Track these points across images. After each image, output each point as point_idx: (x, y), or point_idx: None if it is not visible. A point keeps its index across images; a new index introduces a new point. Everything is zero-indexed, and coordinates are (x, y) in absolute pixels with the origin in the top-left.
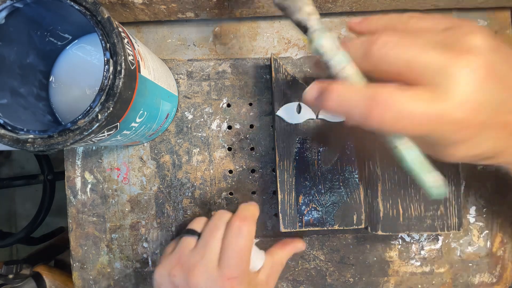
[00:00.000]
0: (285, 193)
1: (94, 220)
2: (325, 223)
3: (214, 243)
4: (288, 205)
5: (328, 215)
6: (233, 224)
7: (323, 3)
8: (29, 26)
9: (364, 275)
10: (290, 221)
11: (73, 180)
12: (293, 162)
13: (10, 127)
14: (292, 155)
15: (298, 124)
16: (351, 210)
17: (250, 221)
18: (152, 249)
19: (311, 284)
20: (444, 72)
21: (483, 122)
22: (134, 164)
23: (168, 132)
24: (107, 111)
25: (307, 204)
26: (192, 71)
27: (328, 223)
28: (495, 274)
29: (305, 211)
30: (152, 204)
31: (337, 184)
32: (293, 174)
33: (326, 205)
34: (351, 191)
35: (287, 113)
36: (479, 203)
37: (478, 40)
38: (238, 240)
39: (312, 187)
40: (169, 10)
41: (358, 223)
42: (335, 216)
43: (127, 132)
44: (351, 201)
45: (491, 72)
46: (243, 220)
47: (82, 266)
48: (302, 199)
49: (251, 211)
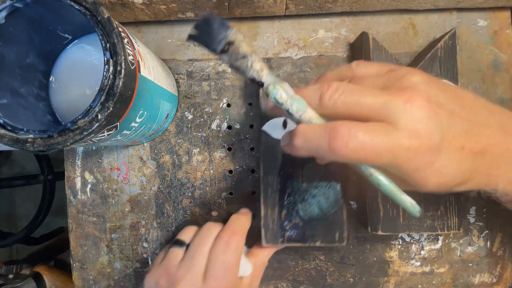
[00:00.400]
0: (268, 208)
1: (94, 220)
2: (307, 239)
3: (200, 257)
4: (271, 220)
5: (310, 231)
6: (222, 238)
7: (323, 3)
8: (29, 26)
9: (364, 275)
10: (272, 236)
11: (73, 180)
12: (277, 177)
13: (10, 127)
14: (276, 170)
15: None
16: (333, 227)
17: (239, 236)
18: (152, 249)
19: (311, 284)
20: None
21: (436, 146)
22: (134, 164)
23: (168, 132)
24: (107, 111)
25: (290, 220)
26: (192, 71)
27: (311, 239)
28: (495, 274)
29: (288, 226)
30: (152, 204)
31: (320, 200)
32: (277, 189)
33: (309, 221)
34: (334, 208)
35: (273, 128)
36: (479, 203)
37: (416, 77)
38: (226, 255)
39: (295, 203)
40: (169, 10)
41: (340, 241)
42: (317, 233)
43: (127, 132)
44: (334, 218)
45: (432, 101)
46: (232, 234)
47: (82, 266)
48: (285, 214)
49: (242, 224)
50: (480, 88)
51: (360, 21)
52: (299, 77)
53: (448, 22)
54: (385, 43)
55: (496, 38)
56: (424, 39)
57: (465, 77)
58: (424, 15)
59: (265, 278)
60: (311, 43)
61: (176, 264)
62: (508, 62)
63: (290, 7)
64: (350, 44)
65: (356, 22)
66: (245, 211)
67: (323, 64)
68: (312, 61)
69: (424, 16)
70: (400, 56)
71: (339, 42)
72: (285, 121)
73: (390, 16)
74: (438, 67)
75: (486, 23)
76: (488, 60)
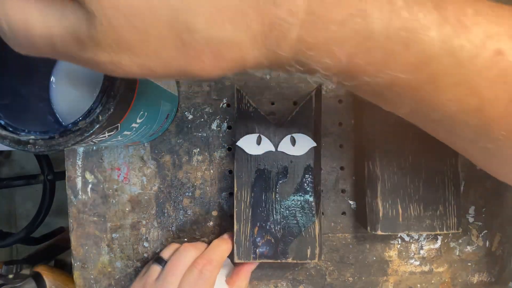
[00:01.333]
0: (241, 224)
1: (94, 220)
2: (279, 255)
3: (172, 280)
4: (243, 236)
5: (282, 248)
6: (197, 266)
7: None
8: None
9: (364, 274)
10: (244, 252)
11: (73, 180)
12: (250, 193)
13: (11, 128)
14: (250, 185)
15: (258, 155)
16: (305, 243)
17: (214, 265)
18: (152, 249)
19: (311, 284)
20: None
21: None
22: (134, 164)
23: (168, 132)
24: (108, 112)
25: (262, 236)
26: None
27: (282, 256)
28: (494, 274)
29: (260, 242)
30: (152, 203)
31: (293, 217)
32: (250, 205)
33: (282, 237)
34: (307, 225)
35: (247, 144)
36: (478, 203)
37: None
38: (197, 284)
39: (268, 219)
40: None
41: (311, 257)
42: (289, 249)
43: (128, 132)
44: (306, 235)
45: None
46: (208, 263)
47: (83, 266)
48: (257, 230)
49: (220, 252)
50: None
51: None
52: (299, 77)
53: None
54: None
55: None
56: None
57: None
58: None
59: (265, 277)
60: None
61: (152, 282)
62: None
63: None
64: None
65: None
66: (227, 237)
67: None
68: None
69: None
70: None
71: None
72: (260, 137)
73: None
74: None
75: None
76: None
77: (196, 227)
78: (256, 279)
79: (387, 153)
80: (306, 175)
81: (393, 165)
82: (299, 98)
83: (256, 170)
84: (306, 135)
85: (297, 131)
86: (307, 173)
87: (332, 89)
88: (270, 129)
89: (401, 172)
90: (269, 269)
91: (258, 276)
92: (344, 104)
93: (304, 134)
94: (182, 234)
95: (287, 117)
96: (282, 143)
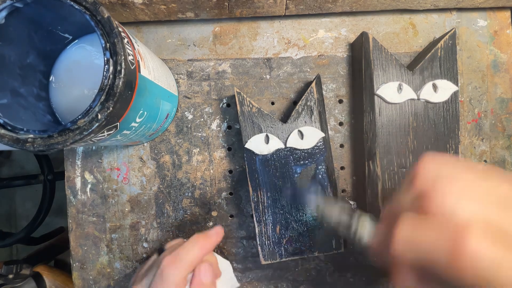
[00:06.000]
0: (262, 225)
1: (94, 220)
2: (304, 251)
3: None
4: (265, 237)
5: (307, 243)
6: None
7: (323, 3)
8: (29, 26)
9: (364, 275)
10: (269, 253)
11: (73, 180)
12: (266, 193)
13: (10, 127)
14: (265, 186)
15: (268, 154)
16: (328, 235)
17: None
18: (152, 249)
19: (311, 284)
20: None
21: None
22: (134, 164)
23: (168, 132)
24: (107, 111)
25: (284, 234)
26: (192, 71)
27: (308, 250)
28: None
29: (284, 241)
30: (152, 204)
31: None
32: (268, 205)
33: (304, 233)
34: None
35: (255, 144)
36: None
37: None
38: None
39: (288, 217)
40: (169, 10)
41: (337, 247)
42: (314, 243)
43: (127, 132)
44: (327, 227)
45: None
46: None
47: (82, 266)
48: (279, 229)
49: (192, 252)
50: (480, 88)
51: (360, 21)
52: (299, 77)
53: (448, 22)
54: (385, 43)
55: (496, 38)
56: (424, 39)
57: (465, 77)
58: (424, 15)
59: (265, 278)
60: (311, 43)
61: (145, 269)
62: (508, 62)
63: (290, 7)
64: (350, 44)
65: (356, 22)
66: (213, 232)
67: (323, 64)
68: (312, 61)
69: (424, 16)
70: (400, 56)
71: (339, 42)
72: (267, 136)
73: (390, 16)
74: (438, 67)
75: (486, 23)
76: (488, 60)
77: (196, 228)
78: (256, 280)
79: (387, 153)
80: (319, 167)
81: (393, 165)
82: (299, 98)
83: (268, 169)
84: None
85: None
86: (320, 164)
87: (332, 89)
88: (277, 126)
89: (401, 172)
90: (269, 269)
91: (258, 277)
92: (344, 104)
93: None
94: (182, 234)
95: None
96: (291, 138)
